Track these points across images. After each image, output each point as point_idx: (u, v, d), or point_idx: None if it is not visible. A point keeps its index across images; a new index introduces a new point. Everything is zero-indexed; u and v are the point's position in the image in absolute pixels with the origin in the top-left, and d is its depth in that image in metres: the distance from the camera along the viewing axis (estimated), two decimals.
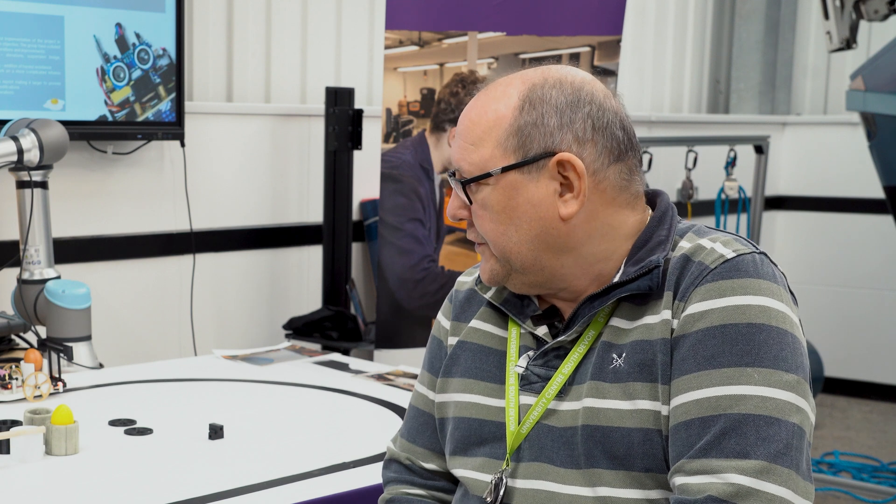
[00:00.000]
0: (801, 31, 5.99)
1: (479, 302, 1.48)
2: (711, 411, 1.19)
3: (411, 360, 3.19)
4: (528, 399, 1.36)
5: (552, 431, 1.32)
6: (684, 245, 1.32)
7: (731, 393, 1.19)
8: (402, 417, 2.22)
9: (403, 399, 2.39)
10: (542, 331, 1.39)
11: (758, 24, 5.84)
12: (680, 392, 1.23)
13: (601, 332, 1.32)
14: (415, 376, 2.64)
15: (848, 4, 4.02)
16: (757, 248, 1.29)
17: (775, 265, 1.29)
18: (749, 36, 5.88)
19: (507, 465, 1.36)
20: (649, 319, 1.28)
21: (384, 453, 1.96)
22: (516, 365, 1.38)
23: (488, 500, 1.36)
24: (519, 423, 1.35)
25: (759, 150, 4.49)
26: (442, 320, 1.54)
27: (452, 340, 1.50)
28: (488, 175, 1.32)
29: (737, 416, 1.18)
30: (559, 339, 1.35)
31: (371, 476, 1.85)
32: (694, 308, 1.24)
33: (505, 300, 1.43)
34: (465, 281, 1.54)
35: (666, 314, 1.27)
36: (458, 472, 1.44)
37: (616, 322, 1.31)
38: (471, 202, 1.36)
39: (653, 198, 1.40)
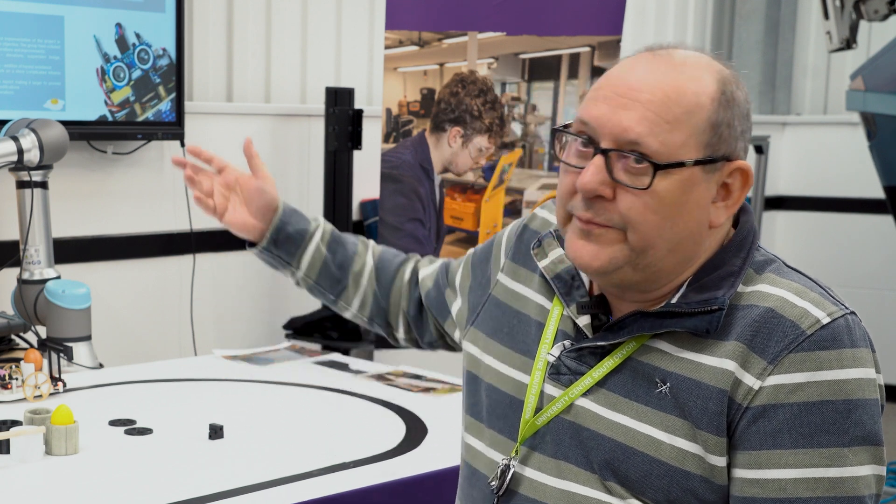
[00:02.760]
0: (801, 31, 5.99)
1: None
2: (810, 493, 1.19)
3: (411, 360, 3.18)
4: (551, 390, 1.31)
5: (572, 427, 1.28)
6: (766, 290, 1.23)
7: (829, 476, 1.18)
8: (403, 417, 2.23)
9: (404, 399, 2.39)
10: (584, 321, 1.31)
11: (758, 24, 5.84)
12: (775, 466, 1.20)
13: (642, 346, 1.26)
14: (415, 376, 2.63)
15: (848, 4, 4.02)
16: (847, 308, 1.24)
17: (860, 320, 1.26)
18: (749, 36, 5.88)
19: (517, 453, 1.32)
20: (704, 359, 1.22)
21: (384, 453, 1.97)
22: (548, 353, 1.32)
23: (493, 485, 1.33)
24: (535, 413, 1.31)
25: (760, 150, 4.49)
26: (504, 244, 1.49)
27: (499, 276, 1.45)
28: (682, 164, 1.19)
29: (832, 499, 1.19)
30: (599, 342, 1.28)
31: (371, 476, 1.85)
32: (788, 378, 1.19)
33: (556, 275, 1.35)
34: (543, 219, 1.45)
35: (729, 364, 1.20)
36: (469, 440, 1.41)
37: (661, 343, 1.25)
38: (627, 185, 1.20)
39: (737, 213, 1.30)
